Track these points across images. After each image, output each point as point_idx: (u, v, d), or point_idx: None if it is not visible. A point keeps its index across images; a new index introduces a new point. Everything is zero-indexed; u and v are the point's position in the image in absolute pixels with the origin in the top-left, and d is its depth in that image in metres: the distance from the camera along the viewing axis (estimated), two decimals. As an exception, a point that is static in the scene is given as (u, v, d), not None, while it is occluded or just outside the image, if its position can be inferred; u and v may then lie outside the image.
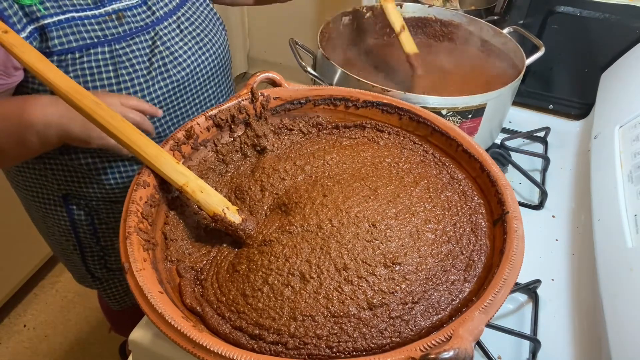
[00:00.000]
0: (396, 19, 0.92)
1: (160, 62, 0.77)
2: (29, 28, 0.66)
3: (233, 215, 0.57)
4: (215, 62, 0.87)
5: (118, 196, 0.85)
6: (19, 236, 1.57)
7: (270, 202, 0.62)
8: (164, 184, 0.58)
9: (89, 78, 0.71)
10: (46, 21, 0.67)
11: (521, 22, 1.05)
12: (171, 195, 0.60)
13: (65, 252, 0.97)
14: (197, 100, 0.86)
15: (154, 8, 0.77)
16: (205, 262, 0.57)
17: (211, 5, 0.90)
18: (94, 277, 0.99)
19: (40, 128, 0.66)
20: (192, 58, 0.82)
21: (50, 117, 0.66)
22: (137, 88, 0.75)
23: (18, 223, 1.50)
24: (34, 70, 0.55)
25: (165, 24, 0.79)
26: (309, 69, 0.83)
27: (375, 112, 0.70)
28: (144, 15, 0.76)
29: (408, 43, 0.93)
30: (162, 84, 0.78)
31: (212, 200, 0.57)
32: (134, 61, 0.74)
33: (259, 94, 0.68)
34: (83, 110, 0.56)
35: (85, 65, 0.70)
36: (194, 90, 0.84)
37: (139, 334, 0.59)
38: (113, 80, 0.73)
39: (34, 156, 0.80)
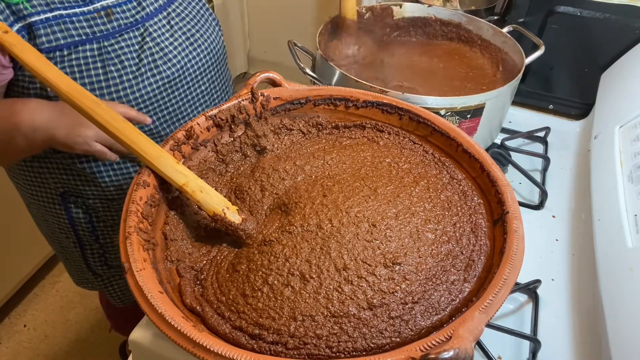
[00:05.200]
0: None
1: (150, 59, 0.77)
2: (17, 26, 0.66)
3: (233, 215, 0.57)
4: (207, 57, 0.86)
5: (114, 194, 0.86)
6: (19, 236, 1.57)
7: (270, 202, 0.62)
8: (164, 184, 0.58)
9: (77, 75, 0.71)
10: (33, 19, 0.66)
11: (521, 21, 1.05)
12: (171, 195, 0.60)
13: (65, 250, 0.97)
14: (188, 97, 0.85)
15: (143, 4, 0.77)
16: (205, 262, 0.57)
17: (204, 1, 0.90)
18: (95, 274, 0.99)
19: (27, 132, 0.67)
20: (183, 54, 0.81)
21: (38, 122, 0.67)
22: (126, 84, 0.75)
23: (18, 223, 1.50)
24: (34, 69, 0.55)
25: (155, 19, 0.78)
26: (308, 71, 0.83)
27: (375, 112, 0.70)
28: (133, 12, 0.76)
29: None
30: (151, 80, 0.77)
31: (212, 200, 0.57)
32: (123, 58, 0.74)
33: (259, 94, 0.68)
34: (83, 110, 0.56)
35: (74, 62, 0.70)
36: (185, 87, 0.83)
37: (139, 334, 0.59)
38: (102, 77, 0.73)
39: (21, 157, 0.82)
